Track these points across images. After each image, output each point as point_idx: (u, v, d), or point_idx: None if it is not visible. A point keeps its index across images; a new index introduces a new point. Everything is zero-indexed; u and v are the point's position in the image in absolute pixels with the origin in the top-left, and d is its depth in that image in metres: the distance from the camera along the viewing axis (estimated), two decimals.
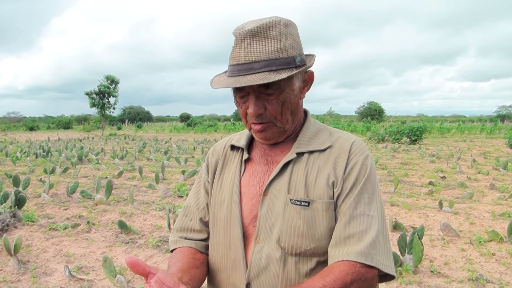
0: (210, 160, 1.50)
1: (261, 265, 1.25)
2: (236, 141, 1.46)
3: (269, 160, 1.36)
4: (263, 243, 1.26)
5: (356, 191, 1.23)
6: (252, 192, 1.33)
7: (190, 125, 53.19)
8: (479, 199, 8.31)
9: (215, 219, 1.39)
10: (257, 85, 1.20)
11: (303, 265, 1.24)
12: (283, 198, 1.26)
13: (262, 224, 1.27)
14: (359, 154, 1.29)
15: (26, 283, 4.61)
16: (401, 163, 14.35)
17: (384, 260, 1.18)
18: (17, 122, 71.62)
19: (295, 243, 1.22)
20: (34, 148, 21.47)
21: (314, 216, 1.23)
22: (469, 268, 4.77)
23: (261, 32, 1.19)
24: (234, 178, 1.37)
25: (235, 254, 1.31)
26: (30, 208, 7.74)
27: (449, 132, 36.55)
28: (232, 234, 1.32)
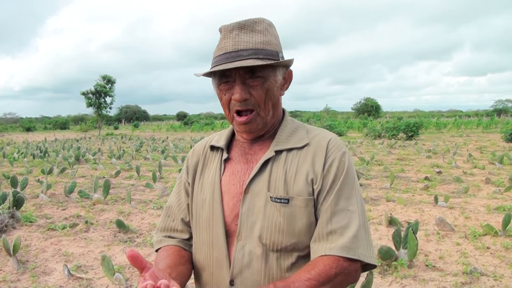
0: (190, 161, 1.54)
1: (244, 261, 1.29)
2: (216, 141, 1.50)
3: (248, 159, 1.40)
4: (245, 241, 1.30)
5: (336, 187, 1.28)
6: (233, 191, 1.37)
7: (187, 123, 53.19)
8: (474, 194, 8.37)
9: (197, 219, 1.43)
10: (243, 72, 1.26)
11: (285, 260, 1.28)
12: (263, 196, 1.30)
13: (244, 222, 1.31)
14: (336, 151, 1.34)
15: (25, 282, 4.65)
16: (398, 159, 14.42)
17: (366, 252, 1.23)
18: (13, 123, 71.49)
19: (276, 239, 1.27)
20: (31, 148, 21.47)
21: (294, 212, 1.27)
22: (464, 262, 4.83)
23: (248, 25, 1.28)
24: (215, 178, 1.41)
25: (218, 252, 1.35)
26: (28, 208, 7.77)
27: (445, 127, 36.66)
28: (215, 232, 1.36)
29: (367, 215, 6.67)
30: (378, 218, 6.66)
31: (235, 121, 1.34)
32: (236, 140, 1.48)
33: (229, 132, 1.50)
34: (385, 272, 4.64)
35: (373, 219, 6.65)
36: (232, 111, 1.33)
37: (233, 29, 1.28)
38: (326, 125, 31.16)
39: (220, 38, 1.31)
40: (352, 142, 22.02)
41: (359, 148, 19.01)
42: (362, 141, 23.15)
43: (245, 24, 1.28)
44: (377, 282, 4.39)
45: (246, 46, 1.25)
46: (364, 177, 10.44)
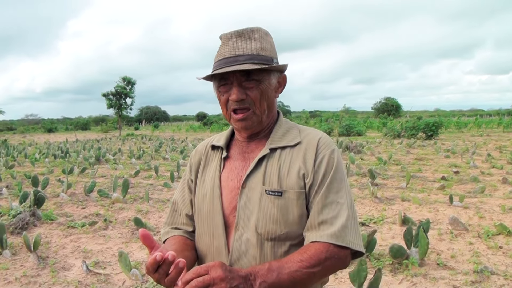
0: (193, 160, 1.67)
1: (241, 250, 1.41)
2: (217, 141, 1.62)
3: (245, 156, 1.52)
4: (242, 231, 1.42)
5: (326, 182, 1.40)
6: (231, 186, 1.49)
7: (207, 124, 53.41)
8: (490, 193, 8.34)
9: (199, 212, 1.55)
10: (240, 74, 1.39)
11: (278, 248, 1.40)
12: (259, 190, 1.42)
13: (241, 213, 1.43)
14: (326, 148, 1.45)
15: (45, 277, 4.81)
16: (416, 158, 14.37)
17: (354, 239, 1.35)
18: (35, 124, 72.53)
19: (271, 229, 1.39)
20: (53, 149, 21.85)
21: (287, 204, 1.39)
22: (475, 261, 4.85)
23: (246, 33, 1.42)
24: (215, 175, 1.53)
25: (218, 241, 1.47)
26: (49, 207, 7.97)
27: (466, 126, 36.28)
28: (215, 223, 1.48)
29: (382, 214, 6.74)
30: (392, 218, 6.71)
31: (232, 118, 1.46)
32: (235, 140, 1.60)
33: (228, 132, 1.63)
34: (396, 270, 4.70)
35: (387, 218, 6.69)
36: (230, 110, 1.45)
37: (232, 37, 1.42)
38: (345, 124, 31.09)
39: (220, 45, 1.45)
40: (370, 142, 21.96)
41: (378, 148, 18.96)
42: (381, 141, 23.07)
43: (243, 32, 1.42)
44: (388, 280, 4.45)
45: (243, 52, 1.39)
46: (381, 176, 10.47)
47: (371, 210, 7.28)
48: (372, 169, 9.92)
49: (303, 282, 1.29)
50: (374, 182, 9.46)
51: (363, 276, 3.71)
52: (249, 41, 1.41)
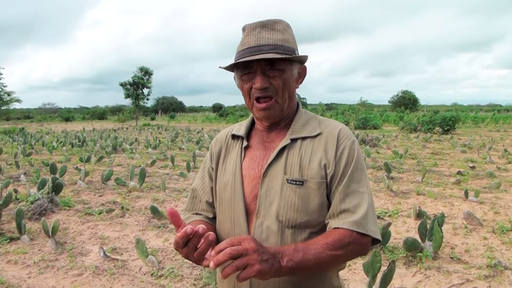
0: (214, 148, 1.70)
1: (262, 237, 1.45)
2: (237, 130, 1.66)
3: (266, 146, 1.56)
4: (263, 218, 1.46)
5: (348, 172, 1.44)
6: (252, 175, 1.52)
7: (223, 115, 53.46)
8: (506, 189, 8.29)
9: (220, 200, 1.59)
10: (264, 64, 1.43)
11: (298, 236, 1.44)
12: (280, 179, 1.46)
13: (262, 201, 1.47)
14: (346, 139, 1.49)
15: (63, 262, 4.91)
16: (432, 153, 14.30)
17: (373, 228, 1.40)
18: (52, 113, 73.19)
19: (291, 216, 1.43)
20: (70, 138, 22.10)
21: (308, 193, 1.43)
22: (489, 256, 4.85)
23: (269, 24, 1.46)
24: (236, 164, 1.57)
25: (239, 229, 1.50)
26: (66, 194, 8.10)
27: (483, 121, 35.92)
28: (236, 211, 1.52)
29: (397, 207, 6.76)
30: (407, 211, 6.71)
31: (255, 107, 1.50)
32: (255, 129, 1.64)
33: (248, 122, 1.66)
34: (410, 263, 4.72)
35: (402, 211, 6.70)
36: (252, 98, 1.48)
37: (256, 27, 1.46)
38: (361, 118, 30.95)
39: (243, 35, 1.48)
40: (386, 136, 21.87)
41: (394, 141, 18.89)
42: (397, 135, 22.96)
43: (267, 23, 1.46)
44: (402, 272, 4.48)
45: (267, 42, 1.43)
46: (396, 170, 10.45)
47: (386, 203, 7.28)
48: (388, 162, 9.92)
49: (326, 263, 1.33)
50: (389, 175, 9.46)
51: (377, 268, 3.74)
52: (273, 32, 1.45)
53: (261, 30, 1.44)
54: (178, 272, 4.55)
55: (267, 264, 1.21)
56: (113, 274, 4.55)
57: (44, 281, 4.42)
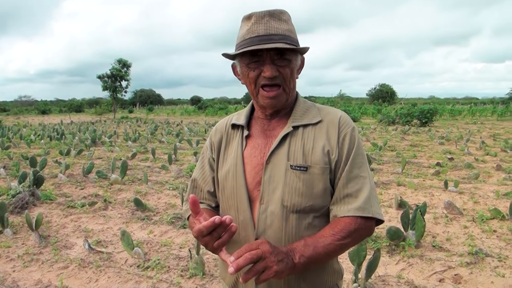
0: (214, 138, 1.72)
1: (267, 222, 1.48)
2: (236, 120, 1.68)
3: (267, 134, 1.59)
4: (267, 204, 1.49)
5: (350, 157, 1.49)
6: (255, 162, 1.55)
7: (201, 108, 53.28)
8: (484, 180, 8.46)
9: (223, 188, 1.62)
10: (273, 53, 1.46)
11: (302, 220, 1.48)
12: (283, 165, 1.49)
13: (266, 188, 1.50)
14: (347, 126, 1.54)
15: (47, 255, 4.88)
16: (410, 145, 14.50)
17: (377, 210, 1.46)
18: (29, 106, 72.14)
19: (296, 201, 1.46)
20: (48, 131, 21.81)
21: (312, 179, 1.47)
22: (470, 244, 4.97)
23: (276, 14, 1.48)
24: (237, 152, 1.60)
25: (243, 216, 1.53)
26: (47, 187, 8.03)
27: (460, 114, 36.45)
28: (239, 199, 1.55)
29: (379, 198, 6.85)
30: (388, 201, 6.82)
31: (260, 95, 1.51)
32: (255, 118, 1.66)
33: (247, 111, 1.68)
34: (393, 251, 4.81)
35: (383, 202, 6.80)
36: (258, 86, 1.50)
37: (264, 16, 1.47)
38: None
39: (251, 23, 1.48)
40: (365, 128, 22.08)
41: (373, 134, 19.09)
42: (376, 127, 23.20)
43: (274, 13, 1.48)
44: (385, 261, 4.55)
45: (276, 31, 1.45)
46: (376, 162, 10.57)
47: None
48: (367, 154, 10.01)
49: (336, 252, 1.41)
50: (370, 167, 9.55)
51: (362, 256, 3.81)
52: (280, 22, 1.47)
53: (270, 19, 1.46)
54: (165, 264, 4.56)
55: (283, 263, 1.27)
56: (99, 266, 4.54)
57: (29, 275, 4.39)
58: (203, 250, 4.65)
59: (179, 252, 4.92)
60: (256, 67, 1.48)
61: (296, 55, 1.52)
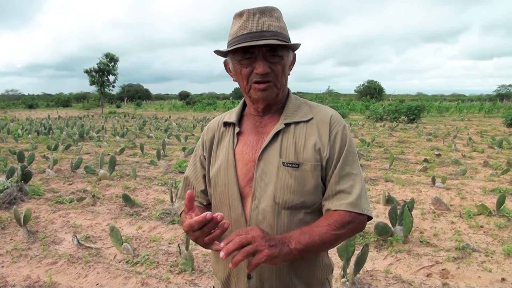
0: (206, 136, 1.73)
1: (259, 218, 1.49)
2: (228, 118, 1.69)
3: (259, 131, 1.60)
4: (259, 200, 1.50)
5: (342, 155, 1.51)
6: (246, 159, 1.56)
7: (189, 103, 53.18)
8: (472, 176, 8.54)
9: (215, 185, 1.63)
10: (265, 49, 1.47)
11: (294, 216, 1.49)
12: (276, 162, 1.50)
13: (258, 184, 1.51)
14: (338, 125, 1.56)
15: (36, 250, 4.86)
16: (398, 141, 14.59)
17: (367, 207, 1.49)
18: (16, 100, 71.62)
19: (288, 198, 1.48)
20: (35, 125, 21.67)
21: (303, 175, 1.48)
22: (457, 239, 5.02)
23: (268, 11, 1.49)
24: (228, 149, 1.61)
25: (235, 212, 1.55)
26: (35, 183, 7.97)
27: (447, 111, 36.70)
28: (231, 195, 1.56)
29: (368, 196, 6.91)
30: (376, 197, 6.86)
31: (253, 89, 1.52)
32: (247, 115, 1.67)
33: (239, 108, 1.69)
34: (381, 246, 4.84)
35: (371, 198, 6.84)
36: (251, 82, 1.51)
37: (256, 13, 1.47)
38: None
39: (242, 19, 1.49)
40: (353, 124, 22.18)
41: (361, 130, 19.17)
42: (364, 124, 23.29)
43: (265, 9, 1.48)
44: (373, 256, 4.59)
45: (268, 28, 1.46)
46: (364, 158, 10.62)
47: None
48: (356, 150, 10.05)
49: (330, 242, 1.42)
50: None
51: (350, 251, 3.84)
52: (271, 18, 1.48)
53: (261, 16, 1.47)
54: (154, 259, 4.56)
55: (276, 248, 1.29)
56: (88, 262, 4.53)
57: (17, 270, 4.37)
58: (192, 246, 4.66)
59: (168, 247, 4.92)
60: (248, 64, 1.48)
61: (288, 52, 1.53)
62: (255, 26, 1.45)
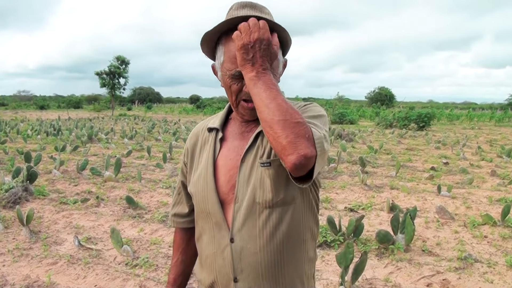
0: (188, 143, 1.70)
1: (241, 221, 1.46)
2: (212, 123, 1.63)
3: (245, 135, 1.54)
4: (240, 203, 1.46)
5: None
6: (230, 165, 1.52)
7: (200, 107, 53.31)
8: (478, 185, 8.47)
9: (195, 193, 1.59)
10: None
11: (276, 214, 1.44)
12: (255, 163, 1.46)
13: (240, 187, 1.47)
14: (304, 104, 1.51)
15: (37, 250, 4.88)
16: (406, 148, 14.50)
17: (322, 145, 1.30)
18: (27, 101, 72.22)
19: (267, 197, 1.43)
20: (45, 126, 21.83)
21: (276, 172, 1.42)
22: (460, 249, 4.97)
23: (258, 7, 1.43)
24: (208, 155, 1.56)
25: (216, 218, 1.51)
26: (41, 183, 8.01)
27: (458, 119, 36.47)
28: (210, 202, 1.52)
29: (371, 201, 6.86)
30: (380, 205, 6.82)
31: (241, 106, 1.47)
32: (233, 119, 1.62)
33: (223, 114, 1.64)
34: (382, 254, 4.81)
35: (375, 205, 6.81)
36: (240, 98, 1.45)
37: (245, 6, 1.41)
38: (337, 113, 31.17)
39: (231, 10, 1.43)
40: (362, 131, 22.09)
41: (369, 136, 19.08)
42: (373, 130, 23.20)
43: (256, 5, 1.42)
44: (374, 264, 4.56)
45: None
46: (371, 165, 10.57)
47: (360, 197, 7.38)
48: (363, 157, 10.02)
49: (274, 108, 1.25)
50: (364, 170, 9.57)
51: (349, 259, 3.81)
52: (262, 14, 1.40)
53: (250, 10, 1.39)
54: (153, 262, 4.56)
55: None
56: (87, 263, 4.54)
57: (18, 270, 4.38)
58: None
59: (168, 250, 4.92)
60: (238, 80, 1.42)
61: (278, 62, 1.44)
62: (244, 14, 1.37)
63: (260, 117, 1.27)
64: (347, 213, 6.44)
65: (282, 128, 1.20)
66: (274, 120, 1.21)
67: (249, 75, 1.29)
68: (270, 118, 1.22)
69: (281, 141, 1.20)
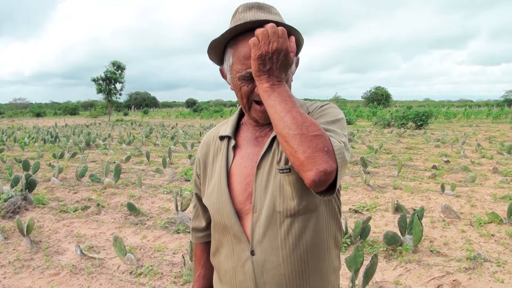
0: (200, 153, 1.62)
1: (261, 232, 1.36)
2: (223, 131, 1.55)
3: (259, 141, 1.46)
4: (259, 213, 1.37)
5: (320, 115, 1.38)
6: (245, 173, 1.43)
7: (196, 110, 53.33)
8: (481, 183, 8.42)
9: (209, 205, 1.51)
10: None
11: (298, 223, 1.35)
12: (273, 170, 1.36)
13: (258, 196, 1.37)
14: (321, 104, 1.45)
15: (39, 261, 4.79)
16: (406, 147, 14.46)
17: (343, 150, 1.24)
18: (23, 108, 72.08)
19: (288, 205, 1.33)
20: (42, 133, 21.72)
21: (297, 178, 1.31)
22: (468, 248, 4.90)
23: (266, 7, 1.35)
24: (221, 165, 1.47)
25: (233, 230, 1.41)
26: (40, 191, 7.92)
27: (455, 117, 36.51)
28: (225, 213, 1.42)
29: (375, 202, 6.79)
30: (384, 205, 6.75)
31: (253, 109, 1.39)
32: (245, 125, 1.53)
33: (234, 119, 1.56)
34: (390, 256, 4.74)
35: (379, 206, 6.74)
36: (251, 100, 1.38)
37: (252, 7, 1.34)
38: None
39: (238, 12, 1.36)
40: (361, 131, 22.07)
41: (368, 136, 19.04)
42: (371, 130, 23.17)
43: (263, 5, 1.35)
44: (382, 266, 4.48)
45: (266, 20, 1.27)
46: (372, 165, 10.51)
47: (363, 198, 7.31)
48: (364, 157, 9.96)
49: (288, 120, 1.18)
50: (366, 170, 9.50)
51: (359, 262, 3.73)
52: (270, 14, 1.33)
53: (257, 11, 1.33)
54: (158, 270, 4.48)
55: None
56: (90, 273, 4.45)
57: (19, 282, 4.29)
58: None
59: (172, 258, 4.83)
60: (249, 81, 1.34)
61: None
62: (251, 17, 1.30)
63: (276, 131, 1.21)
64: (352, 214, 6.36)
65: (299, 143, 1.14)
66: (290, 135, 1.15)
67: (263, 86, 1.23)
68: (286, 132, 1.16)
69: (299, 157, 1.14)
